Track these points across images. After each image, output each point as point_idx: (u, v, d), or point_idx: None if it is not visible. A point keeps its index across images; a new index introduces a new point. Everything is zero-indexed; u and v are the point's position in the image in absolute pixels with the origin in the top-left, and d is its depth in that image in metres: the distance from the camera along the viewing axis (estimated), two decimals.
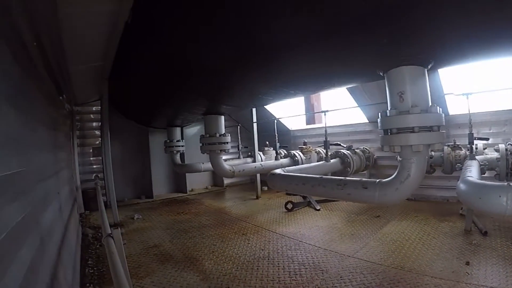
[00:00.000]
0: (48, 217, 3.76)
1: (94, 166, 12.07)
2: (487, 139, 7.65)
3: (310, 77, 5.99)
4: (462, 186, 3.96)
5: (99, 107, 10.58)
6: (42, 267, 2.88)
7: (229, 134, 9.26)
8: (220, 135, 8.94)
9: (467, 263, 5.40)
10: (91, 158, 12.07)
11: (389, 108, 4.36)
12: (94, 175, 11.51)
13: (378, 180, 4.56)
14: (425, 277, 4.98)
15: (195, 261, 6.12)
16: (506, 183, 3.40)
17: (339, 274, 5.27)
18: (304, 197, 10.43)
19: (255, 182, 12.34)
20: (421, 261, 5.57)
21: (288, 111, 13.25)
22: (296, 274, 5.34)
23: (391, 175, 4.48)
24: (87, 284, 5.28)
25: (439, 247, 6.19)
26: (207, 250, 6.70)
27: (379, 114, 4.47)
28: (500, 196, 3.27)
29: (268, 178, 6.41)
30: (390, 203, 5.34)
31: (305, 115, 14.92)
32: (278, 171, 6.36)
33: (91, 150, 12.06)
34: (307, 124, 14.93)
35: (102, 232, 4.53)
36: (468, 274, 5.01)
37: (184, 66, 5.88)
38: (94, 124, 12.12)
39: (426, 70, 4.25)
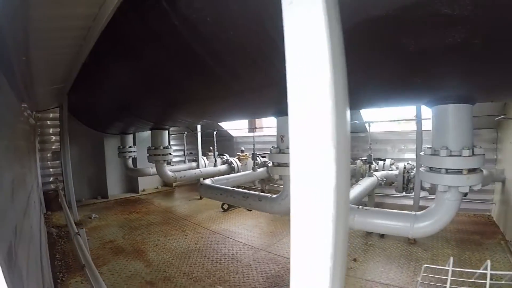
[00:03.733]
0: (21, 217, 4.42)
1: (51, 170, 13.16)
2: (384, 160, 9.98)
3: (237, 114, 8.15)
4: None
5: (57, 114, 11.74)
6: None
7: (171, 147, 10.82)
8: (164, 147, 10.47)
9: (355, 260, 7.20)
10: (49, 162, 13.13)
11: (275, 145, 6.10)
12: (53, 178, 12.83)
13: (270, 195, 6.49)
14: None
15: (141, 253, 7.89)
16: (356, 206, 5.52)
17: (250, 263, 7.20)
18: None
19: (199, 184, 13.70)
20: None
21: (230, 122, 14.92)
22: (217, 263, 7.25)
23: None
24: (57, 273, 6.78)
25: None
26: (152, 244, 8.49)
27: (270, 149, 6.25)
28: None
29: (198, 186, 8.55)
30: (278, 213, 7.32)
31: (246, 124, 16.60)
32: (207, 181, 8.47)
33: (49, 155, 13.11)
34: (248, 132, 16.58)
35: (68, 230, 6.10)
36: (351, 268, 6.80)
37: (129, 101, 7.70)
38: (52, 130, 13.14)
39: None
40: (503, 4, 2.22)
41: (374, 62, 3.45)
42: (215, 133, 13.41)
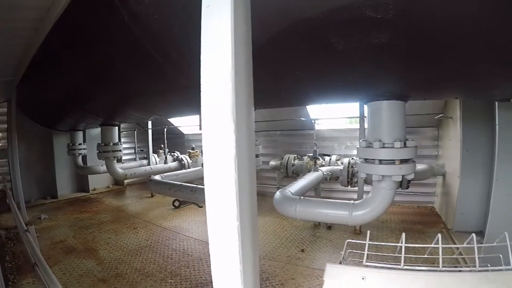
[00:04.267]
0: None
1: None
2: (329, 155, 10.60)
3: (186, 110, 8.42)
4: (277, 194, 6.37)
5: (4, 109, 11.03)
6: None
7: (121, 143, 10.93)
8: (113, 144, 10.59)
9: (302, 250, 7.71)
10: None
11: None
12: (0, 177, 12.28)
13: None
14: (263, 260, 7.22)
15: (93, 251, 7.95)
16: (298, 197, 5.96)
17: (200, 257, 7.48)
18: None
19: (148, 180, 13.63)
20: (266, 248, 7.86)
21: (180, 118, 15.10)
22: (168, 258, 7.46)
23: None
24: (8, 275, 6.68)
25: (286, 237, 8.62)
26: (103, 242, 8.57)
27: None
28: (291, 206, 5.77)
29: (147, 182, 8.88)
30: None
31: (198, 121, 16.76)
32: (156, 177, 8.79)
33: None
34: (200, 129, 16.57)
35: (17, 231, 6.12)
36: (299, 258, 7.29)
37: (80, 96, 7.73)
38: None
39: None
40: (422, 10, 2.55)
41: (310, 60, 3.74)
42: (165, 130, 13.71)
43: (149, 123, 14.61)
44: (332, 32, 2.98)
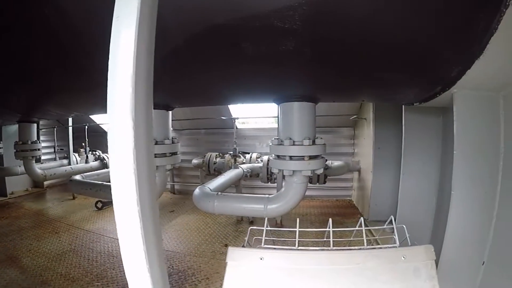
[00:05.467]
0: None
1: None
2: (248, 152, 11.23)
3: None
4: (196, 191, 6.75)
5: None
6: None
7: (40, 142, 10.66)
8: (32, 143, 10.26)
9: (226, 245, 8.23)
10: None
11: None
12: None
13: None
14: (188, 256, 7.65)
15: (15, 260, 7.86)
16: (216, 193, 6.43)
17: None
18: None
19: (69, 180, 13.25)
20: (191, 245, 8.30)
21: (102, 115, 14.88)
22: (93, 261, 7.60)
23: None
24: None
25: (210, 234, 9.10)
26: (25, 249, 8.49)
27: None
28: (209, 201, 6.22)
29: (68, 183, 9.05)
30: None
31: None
32: (77, 177, 9.02)
33: None
34: None
35: None
36: (223, 253, 7.77)
37: None
38: None
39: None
40: (326, 22, 2.94)
41: (222, 62, 4.07)
42: (86, 127, 13.67)
43: (70, 120, 14.32)
44: (242, 38, 3.32)
